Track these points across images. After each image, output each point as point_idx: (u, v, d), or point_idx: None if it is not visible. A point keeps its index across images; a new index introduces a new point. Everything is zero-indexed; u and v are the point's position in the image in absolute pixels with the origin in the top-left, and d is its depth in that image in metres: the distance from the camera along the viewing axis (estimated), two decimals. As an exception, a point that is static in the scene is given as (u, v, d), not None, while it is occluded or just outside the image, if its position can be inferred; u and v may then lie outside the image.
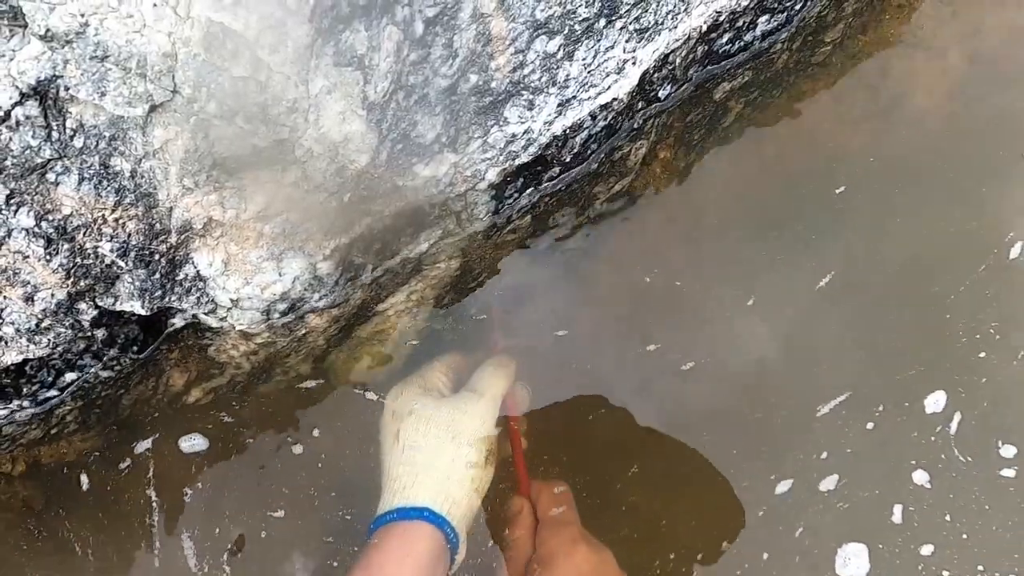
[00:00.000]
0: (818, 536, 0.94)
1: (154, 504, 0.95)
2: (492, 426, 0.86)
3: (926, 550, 0.91)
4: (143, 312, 0.76)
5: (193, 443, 0.95)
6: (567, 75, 0.81)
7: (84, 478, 0.94)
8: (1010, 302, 0.99)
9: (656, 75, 0.89)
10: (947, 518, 0.93)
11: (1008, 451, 0.94)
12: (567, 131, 0.85)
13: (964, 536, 0.92)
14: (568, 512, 0.88)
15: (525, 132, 0.82)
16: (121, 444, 0.95)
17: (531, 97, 0.81)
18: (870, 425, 0.96)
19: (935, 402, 0.97)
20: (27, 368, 0.77)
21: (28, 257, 0.69)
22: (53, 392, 0.81)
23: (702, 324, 1.01)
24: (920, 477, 0.94)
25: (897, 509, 0.94)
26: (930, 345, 0.99)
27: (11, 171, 0.65)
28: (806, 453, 0.97)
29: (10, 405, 0.79)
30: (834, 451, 0.96)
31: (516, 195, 0.90)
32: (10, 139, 0.64)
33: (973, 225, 1.02)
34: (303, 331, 0.87)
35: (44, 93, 0.63)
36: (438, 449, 0.83)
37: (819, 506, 0.95)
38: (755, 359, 0.99)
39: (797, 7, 0.97)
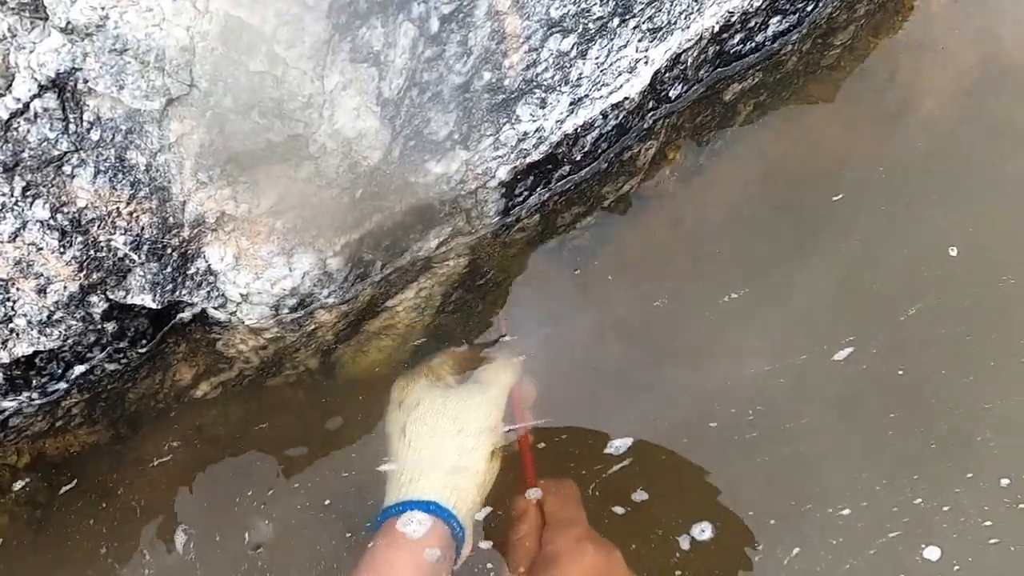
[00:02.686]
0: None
1: (155, 499, 0.95)
2: (498, 418, 0.86)
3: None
4: (154, 305, 0.77)
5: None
6: (580, 74, 0.81)
7: (87, 472, 0.94)
8: (787, 408, 0.96)
9: (667, 75, 0.89)
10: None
11: (700, 530, 0.93)
12: (578, 130, 0.85)
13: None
14: (575, 511, 0.87)
15: (537, 130, 0.82)
16: (127, 439, 0.95)
17: (543, 95, 0.81)
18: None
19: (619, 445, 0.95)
20: (37, 360, 0.77)
21: (42, 249, 0.69)
22: (62, 385, 0.81)
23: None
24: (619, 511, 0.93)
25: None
26: (707, 412, 0.96)
27: (28, 163, 0.65)
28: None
29: (19, 397, 0.79)
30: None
31: (526, 193, 0.90)
32: (28, 131, 0.64)
33: (830, 310, 0.99)
34: (312, 326, 0.87)
35: (63, 86, 0.63)
36: (444, 442, 0.83)
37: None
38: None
39: (809, 8, 0.97)
